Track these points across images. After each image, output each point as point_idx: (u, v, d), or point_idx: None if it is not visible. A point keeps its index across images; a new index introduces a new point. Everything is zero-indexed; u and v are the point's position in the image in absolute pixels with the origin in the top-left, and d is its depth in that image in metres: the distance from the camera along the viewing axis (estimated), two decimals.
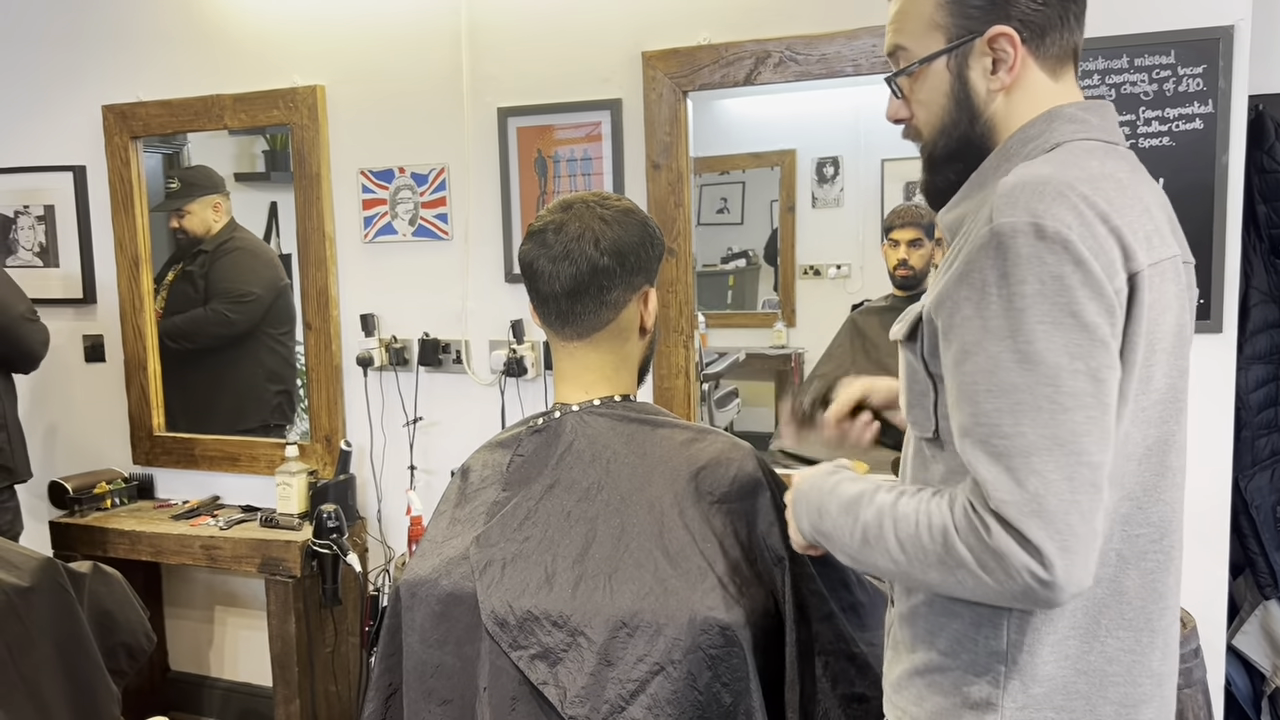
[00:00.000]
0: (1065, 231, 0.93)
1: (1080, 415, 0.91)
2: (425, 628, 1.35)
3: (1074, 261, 0.92)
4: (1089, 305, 0.92)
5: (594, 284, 1.33)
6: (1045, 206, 0.94)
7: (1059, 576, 0.90)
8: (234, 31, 3.04)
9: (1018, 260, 0.93)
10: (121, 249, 3.23)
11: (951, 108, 1.10)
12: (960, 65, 1.08)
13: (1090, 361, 0.92)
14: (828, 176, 3.45)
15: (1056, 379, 0.92)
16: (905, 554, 1.00)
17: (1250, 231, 2.33)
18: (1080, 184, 0.96)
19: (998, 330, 0.94)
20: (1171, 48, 2.14)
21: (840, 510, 1.10)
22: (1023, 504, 0.91)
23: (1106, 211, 0.96)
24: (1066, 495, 0.90)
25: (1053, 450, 0.91)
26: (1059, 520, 0.90)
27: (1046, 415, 0.92)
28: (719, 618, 1.23)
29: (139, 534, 2.98)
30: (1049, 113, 1.07)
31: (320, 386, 3.04)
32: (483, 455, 1.46)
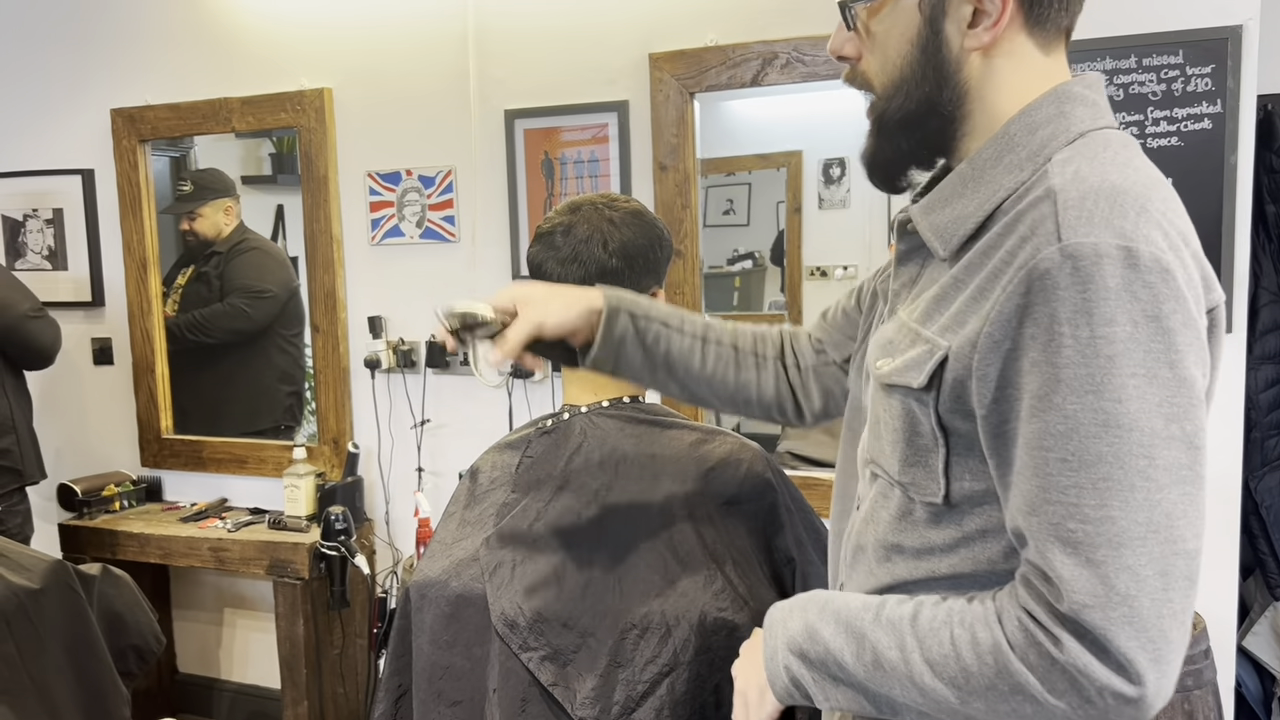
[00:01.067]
0: (1163, 258, 0.75)
1: (1176, 493, 0.75)
2: (435, 629, 1.35)
3: (1174, 297, 0.75)
4: (1188, 354, 0.75)
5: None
6: (1132, 225, 0.76)
7: (1149, 693, 0.74)
8: (241, 35, 3.05)
9: (1105, 294, 0.74)
10: (130, 252, 3.24)
11: (916, 58, 0.90)
12: (935, 9, 0.88)
13: (1186, 425, 0.75)
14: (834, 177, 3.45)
15: (1151, 449, 0.74)
16: (940, 680, 0.81)
17: (1259, 231, 2.32)
18: (1154, 194, 0.79)
19: (1076, 383, 0.75)
20: (1180, 47, 2.14)
21: (838, 629, 0.89)
22: (1111, 607, 0.73)
23: (1185, 232, 0.80)
24: (1161, 595, 0.74)
25: (1146, 540, 0.74)
26: (1153, 626, 0.73)
27: (1141, 495, 0.74)
28: (729, 619, 1.23)
29: (147, 536, 2.99)
30: (1057, 93, 0.88)
31: (328, 389, 3.05)
32: (491, 457, 1.46)
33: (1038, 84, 0.89)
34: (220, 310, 3.32)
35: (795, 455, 2.66)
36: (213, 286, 3.36)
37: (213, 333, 3.33)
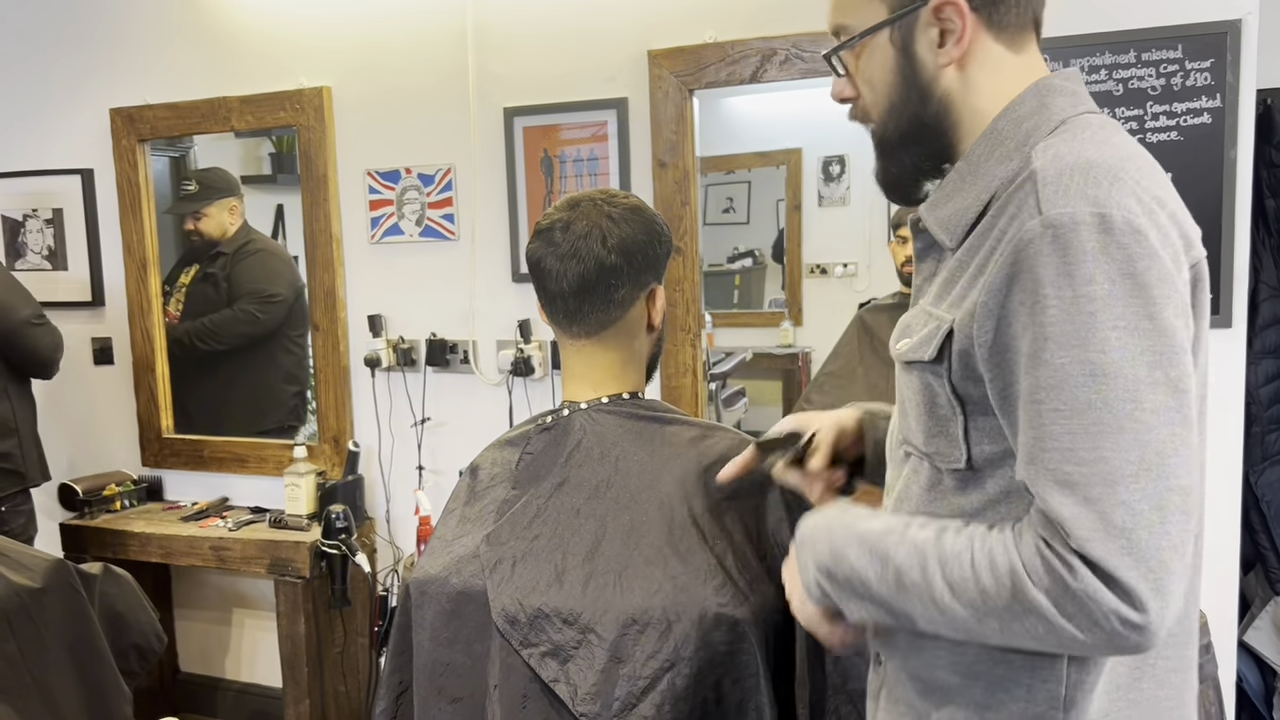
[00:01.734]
0: (1135, 220, 0.82)
1: (1164, 433, 0.81)
2: (435, 626, 1.35)
3: (1148, 255, 0.82)
4: (1166, 306, 0.82)
5: (601, 282, 1.33)
6: (1105, 193, 0.83)
7: (1153, 619, 0.80)
8: (240, 34, 3.05)
9: (1082, 256, 0.82)
10: (130, 252, 3.24)
11: (899, 85, 1.00)
12: (905, 38, 0.99)
13: (1170, 370, 0.81)
14: (834, 175, 3.45)
15: (1136, 393, 0.80)
16: (958, 600, 0.87)
17: (1259, 226, 2.32)
18: (1128, 164, 0.87)
19: (1062, 339, 0.82)
20: (1179, 42, 2.14)
21: (863, 551, 0.95)
22: (1110, 540, 0.79)
23: (1161, 196, 0.87)
24: (1158, 528, 0.79)
25: (1139, 477, 0.80)
26: (1152, 557, 0.79)
27: (1130, 436, 0.80)
28: (729, 614, 1.23)
29: (149, 536, 2.99)
30: (1037, 87, 0.97)
31: (328, 387, 3.05)
32: (491, 453, 1.46)
33: (1015, 82, 0.98)
34: (230, 316, 3.32)
35: None
36: (220, 288, 3.35)
37: (224, 339, 3.32)
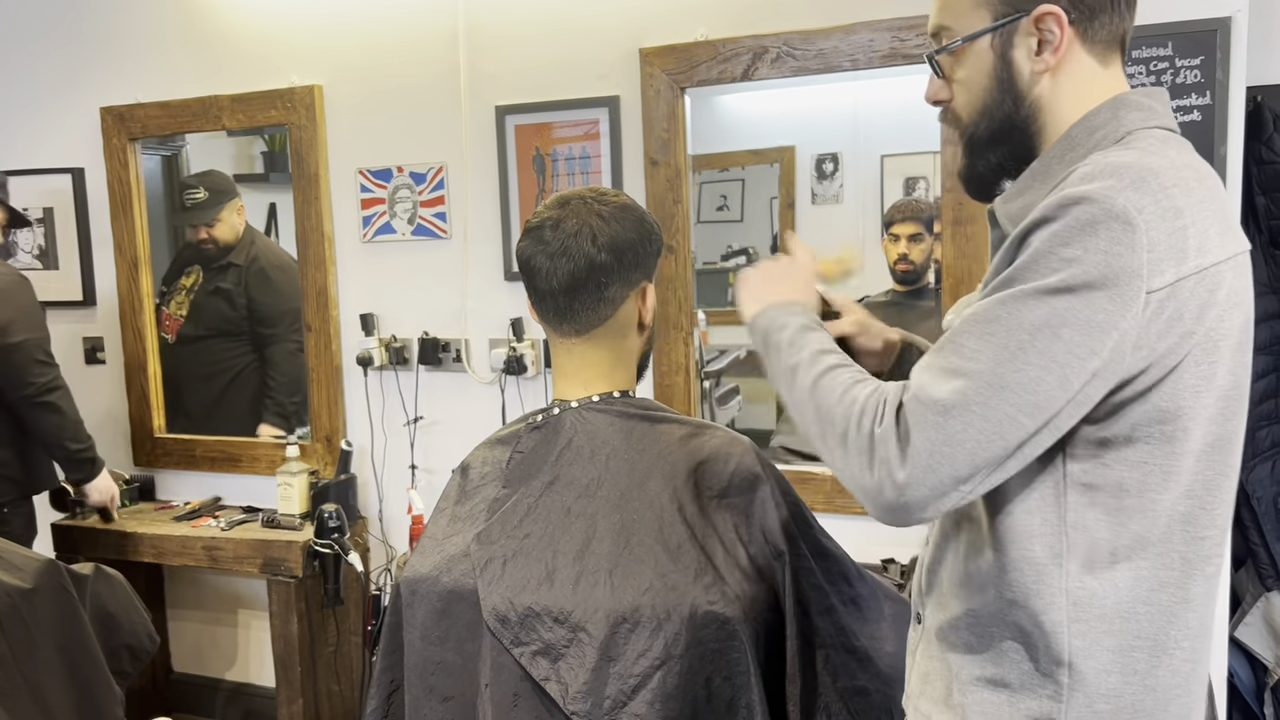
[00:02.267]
0: (1133, 216, 0.90)
1: (1037, 373, 0.90)
2: (426, 625, 1.35)
3: (1128, 245, 0.89)
4: (1119, 292, 0.89)
5: (592, 281, 1.33)
6: (1120, 186, 0.91)
7: (910, 486, 0.93)
8: (231, 32, 3.04)
9: (1074, 224, 0.91)
10: (121, 251, 3.24)
11: (994, 89, 1.07)
12: (1005, 45, 1.05)
13: (1085, 341, 0.90)
14: (827, 173, 3.45)
15: (1041, 332, 0.90)
16: (815, 401, 1.03)
17: (1249, 223, 2.32)
18: (1163, 173, 0.94)
19: (1022, 275, 0.93)
20: (1169, 39, 2.14)
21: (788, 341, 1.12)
22: (931, 408, 0.92)
23: (1182, 206, 0.93)
24: (975, 427, 0.91)
25: (992, 388, 0.91)
26: (950, 441, 0.91)
27: (1007, 356, 0.91)
28: (720, 612, 1.23)
29: (141, 536, 2.98)
30: (1115, 100, 1.04)
31: (320, 386, 3.05)
32: (482, 452, 1.46)
33: (1098, 93, 1.05)
34: (284, 352, 3.26)
35: (788, 449, 2.67)
36: (235, 305, 3.31)
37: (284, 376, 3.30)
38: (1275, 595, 2.40)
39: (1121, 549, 0.98)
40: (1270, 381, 2.35)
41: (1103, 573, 0.98)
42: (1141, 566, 0.98)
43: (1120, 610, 0.98)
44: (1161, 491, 0.96)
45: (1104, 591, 0.98)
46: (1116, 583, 0.98)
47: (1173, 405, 0.95)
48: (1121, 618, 0.98)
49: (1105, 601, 0.98)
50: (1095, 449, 0.97)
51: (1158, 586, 0.98)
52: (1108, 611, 0.98)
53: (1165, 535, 0.98)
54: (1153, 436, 0.95)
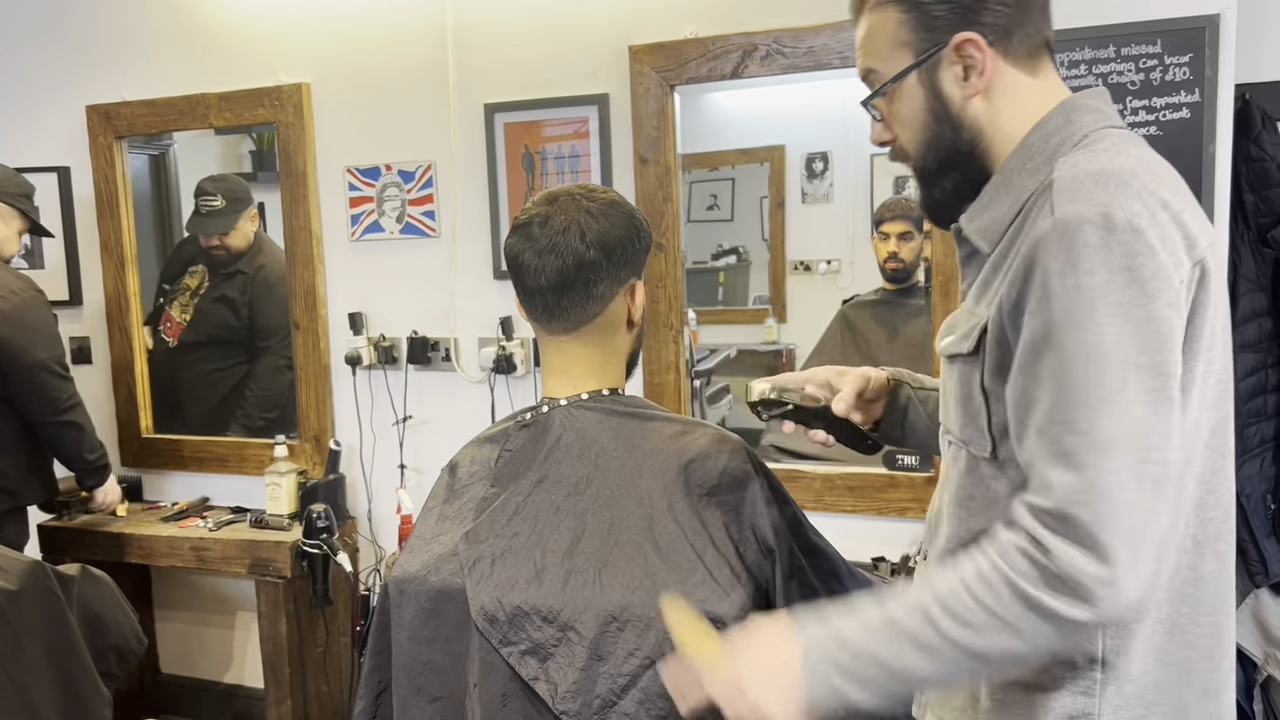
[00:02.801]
0: (1136, 220, 0.91)
1: (1146, 409, 0.89)
2: (414, 625, 1.34)
3: (1146, 252, 0.90)
4: (1159, 298, 0.90)
5: (580, 278, 1.32)
6: (1110, 196, 0.92)
7: (1124, 576, 0.86)
8: (218, 30, 3.02)
9: (1085, 250, 0.91)
10: (107, 250, 3.22)
11: (931, 121, 1.09)
12: (931, 78, 1.08)
13: (1156, 356, 0.90)
14: (817, 172, 3.44)
15: (1125, 373, 0.89)
16: (970, 628, 0.90)
17: (1238, 220, 2.33)
18: (1140, 172, 0.96)
19: (1066, 322, 0.91)
20: (1158, 37, 2.14)
21: (868, 633, 0.96)
22: (1094, 503, 0.87)
23: (1168, 199, 0.95)
24: (1135, 493, 0.88)
25: (1125, 448, 0.88)
26: (1128, 518, 0.87)
27: (1119, 410, 0.89)
28: (709, 610, 1.22)
29: (128, 536, 2.96)
30: (1065, 105, 1.07)
31: (309, 386, 3.03)
32: (471, 451, 1.45)
33: (1037, 102, 1.07)
34: (269, 368, 3.26)
35: (778, 448, 2.66)
36: (240, 314, 3.30)
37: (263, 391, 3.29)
38: (1264, 592, 2.40)
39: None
40: (1259, 379, 2.35)
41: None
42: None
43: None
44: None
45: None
46: None
47: (1188, 391, 0.96)
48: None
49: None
50: None
51: (1172, 571, 0.99)
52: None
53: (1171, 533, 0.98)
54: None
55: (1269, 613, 2.39)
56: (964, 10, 1.05)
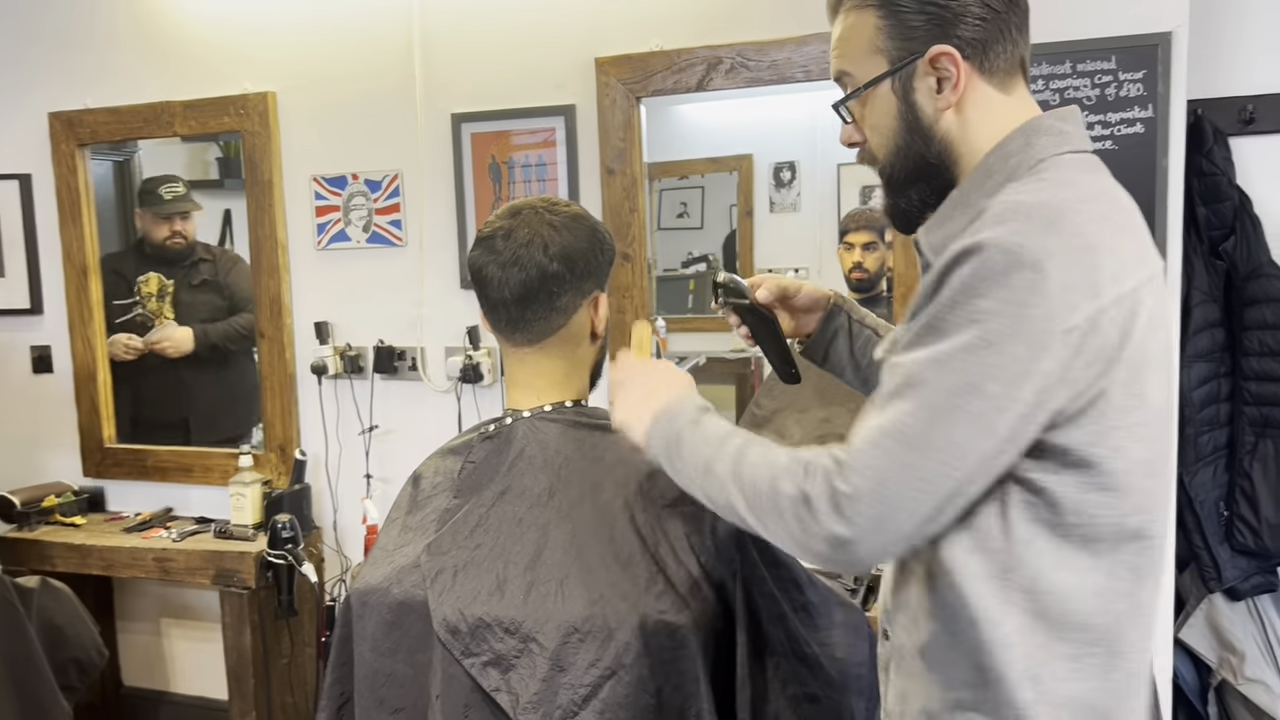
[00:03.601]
0: (1044, 261, 0.92)
1: (964, 432, 0.93)
2: (377, 636, 1.34)
3: (1042, 292, 0.91)
4: (1034, 341, 0.92)
5: (544, 290, 1.33)
6: (1028, 230, 0.94)
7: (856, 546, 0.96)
8: (184, 38, 3.01)
9: (984, 274, 0.93)
10: (69, 259, 3.18)
11: (902, 130, 1.10)
12: (905, 87, 1.08)
13: (1010, 389, 0.92)
14: (785, 181, 3.47)
15: (965, 393, 0.93)
16: (748, 494, 1.04)
17: (1191, 233, 2.38)
18: (1074, 208, 0.96)
19: (941, 331, 0.95)
20: (1113, 53, 2.19)
21: (699, 443, 1.13)
22: (873, 487, 0.94)
23: (1096, 240, 0.95)
24: (908, 489, 0.94)
25: (924, 450, 0.94)
26: (887, 516, 0.94)
27: (939, 418, 0.93)
28: (670, 620, 1.24)
29: (89, 547, 2.93)
30: (1027, 126, 1.07)
31: (274, 395, 3.02)
32: (434, 462, 1.46)
33: (1006, 120, 1.08)
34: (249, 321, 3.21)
35: None
36: (224, 293, 3.33)
37: (243, 344, 3.27)
38: (1218, 597, 2.45)
39: (1071, 567, 1.00)
40: (1212, 388, 2.40)
41: (1054, 587, 1.00)
42: (1096, 580, 1.00)
43: (1077, 622, 1.00)
44: (1102, 509, 0.99)
45: (1059, 608, 1.00)
46: (1068, 597, 1.00)
47: (1103, 428, 0.97)
48: (1078, 629, 1.01)
49: (1061, 617, 1.00)
50: (1036, 474, 0.98)
51: (1113, 598, 1.01)
52: (1065, 624, 1.00)
53: (1114, 548, 1.00)
54: (1087, 460, 0.97)
55: (1223, 618, 2.43)
56: (942, 22, 1.05)
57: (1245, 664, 2.40)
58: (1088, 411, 0.96)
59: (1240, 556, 2.41)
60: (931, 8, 1.05)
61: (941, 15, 1.05)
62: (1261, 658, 2.42)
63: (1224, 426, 2.42)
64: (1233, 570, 2.41)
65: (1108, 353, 0.95)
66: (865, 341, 1.41)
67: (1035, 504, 0.99)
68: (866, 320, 1.43)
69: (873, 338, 1.41)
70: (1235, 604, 2.45)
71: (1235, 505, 2.39)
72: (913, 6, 1.06)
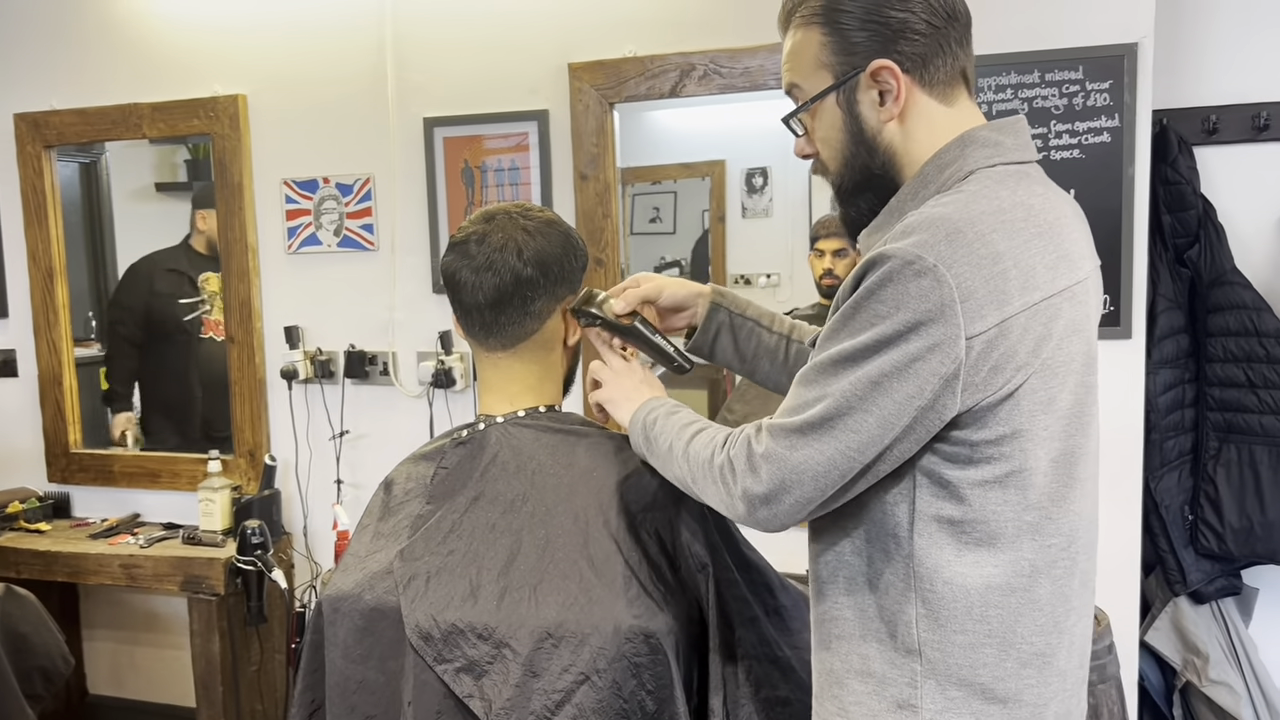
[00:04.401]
0: (941, 272, 0.96)
1: (862, 420, 1.00)
2: (348, 643, 1.34)
3: (938, 300, 0.96)
4: (935, 343, 0.97)
5: (518, 294, 1.33)
6: (933, 240, 0.98)
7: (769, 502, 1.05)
8: (153, 39, 2.98)
9: (885, 281, 0.98)
10: (35, 261, 3.14)
11: (848, 142, 1.14)
12: (849, 100, 1.12)
13: (906, 388, 0.98)
14: (757, 187, 3.49)
15: (860, 387, 1.00)
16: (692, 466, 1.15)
17: (1156, 241, 2.41)
18: (982, 220, 1.00)
19: (842, 333, 1.02)
20: (1080, 63, 2.22)
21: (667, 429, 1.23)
22: (780, 441, 1.03)
23: (1002, 250, 0.99)
24: (810, 465, 1.02)
25: (829, 432, 1.01)
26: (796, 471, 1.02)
27: (840, 407, 1.01)
28: (643, 625, 1.24)
29: (55, 554, 2.89)
30: (962, 138, 1.10)
31: (243, 400, 2.99)
32: (406, 468, 1.45)
33: (947, 131, 1.11)
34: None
35: None
36: None
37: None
38: (1183, 600, 2.48)
39: (970, 557, 1.05)
40: (1177, 394, 2.44)
41: (954, 578, 1.05)
42: (991, 573, 1.05)
43: (971, 612, 1.05)
44: (1004, 505, 1.04)
45: (954, 595, 1.05)
46: (967, 588, 1.05)
47: (1009, 429, 1.02)
48: (973, 619, 1.06)
49: (956, 604, 1.05)
50: (944, 468, 1.04)
51: (1008, 592, 1.05)
52: (958, 612, 1.05)
53: (1013, 544, 1.05)
54: (994, 457, 1.02)
55: (1187, 621, 2.47)
56: (882, 39, 1.08)
57: (1209, 666, 2.44)
58: (995, 412, 1.01)
59: (1205, 560, 2.44)
60: (873, 24, 1.09)
61: (882, 31, 1.08)
62: (1225, 660, 2.46)
63: (1189, 432, 2.46)
64: (1197, 573, 2.44)
65: (1018, 360, 1.00)
66: (749, 333, 1.46)
67: (940, 497, 1.04)
68: (748, 312, 1.47)
69: (755, 329, 1.46)
70: (1200, 607, 2.48)
71: (1200, 509, 2.43)
72: (855, 24, 1.09)
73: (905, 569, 1.07)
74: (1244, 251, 2.44)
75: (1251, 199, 2.46)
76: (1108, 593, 2.16)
